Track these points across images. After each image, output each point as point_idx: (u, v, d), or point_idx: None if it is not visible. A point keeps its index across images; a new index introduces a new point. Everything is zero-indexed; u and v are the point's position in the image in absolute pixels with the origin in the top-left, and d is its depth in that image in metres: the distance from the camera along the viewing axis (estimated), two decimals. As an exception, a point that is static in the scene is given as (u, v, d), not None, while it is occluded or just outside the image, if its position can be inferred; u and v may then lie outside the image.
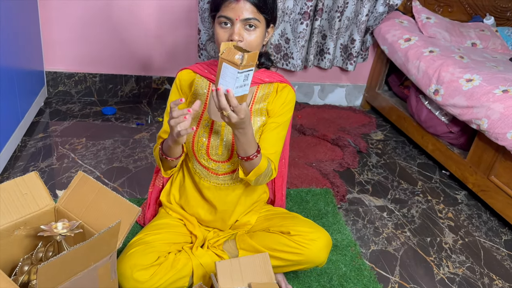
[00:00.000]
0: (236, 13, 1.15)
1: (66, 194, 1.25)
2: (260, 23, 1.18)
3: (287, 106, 1.33)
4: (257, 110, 1.32)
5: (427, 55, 2.34)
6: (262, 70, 1.34)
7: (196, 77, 1.33)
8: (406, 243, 1.79)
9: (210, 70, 1.33)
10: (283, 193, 1.62)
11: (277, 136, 1.34)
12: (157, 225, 1.41)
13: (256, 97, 1.33)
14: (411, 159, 2.45)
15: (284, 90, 1.33)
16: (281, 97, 1.32)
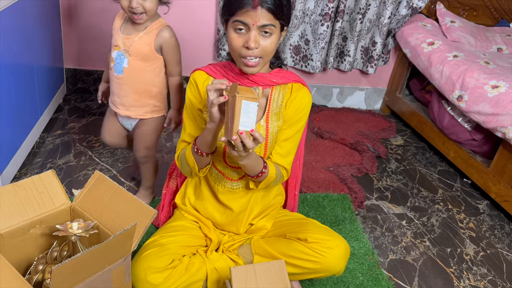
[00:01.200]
0: (253, 19, 1.11)
1: (82, 193, 1.24)
2: (275, 29, 1.15)
3: (303, 111, 1.30)
4: (273, 113, 1.29)
5: (451, 59, 2.28)
6: (275, 71, 1.30)
7: (209, 79, 1.31)
8: (426, 253, 1.74)
9: (223, 72, 1.29)
10: (295, 193, 1.58)
11: (292, 144, 1.32)
12: (172, 227, 1.39)
13: (272, 99, 1.30)
14: (431, 166, 2.39)
15: (300, 92, 1.29)
16: (297, 100, 1.29)
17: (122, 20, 1.53)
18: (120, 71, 1.52)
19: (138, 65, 1.51)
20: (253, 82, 1.25)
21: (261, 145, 1.30)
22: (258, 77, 1.26)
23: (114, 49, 1.52)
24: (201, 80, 1.30)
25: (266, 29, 1.13)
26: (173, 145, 2.22)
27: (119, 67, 1.52)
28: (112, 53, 1.53)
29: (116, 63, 1.52)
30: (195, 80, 1.31)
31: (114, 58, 1.52)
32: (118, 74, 1.53)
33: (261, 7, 1.11)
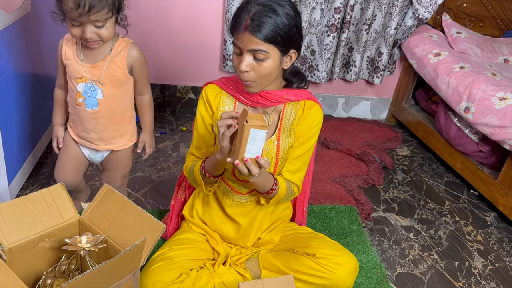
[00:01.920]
0: (243, 43, 1.11)
1: (91, 207, 1.24)
2: (270, 53, 1.12)
3: (315, 128, 1.30)
4: (285, 130, 1.30)
5: (457, 71, 2.27)
6: (288, 89, 1.31)
7: (222, 93, 1.31)
8: (433, 267, 1.73)
9: (235, 86, 1.30)
10: (304, 209, 1.58)
11: (303, 161, 1.33)
12: (179, 239, 1.39)
13: (284, 115, 1.30)
14: (438, 177, 2.38)
15: (313, 109, 1.29)
16: (309, 117, 1.29)
17: (73, 46, 1.36)
18: (94, 104, 1.37)
19: (113, 93, 1.38)
20: (265, 98, 1.26)
21: (272, 161, 1.30)
22: (270, 94, 1.26)
23: (78, 81, 1.35)
24: (213, 94, 1.31)
25: (258, 54, 1.12)
26: (180, 155, 2.22)
27: (92, 100, 1.37)
28: (77, 87, 1.36)
29: (87, 97, 1.37)
30: (207, 94, 1.31)
31: (82, 92, 1.36)
32: (92, 109, 1.38)
33: (249, 32, 1.09)
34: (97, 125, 1.41)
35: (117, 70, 1.36)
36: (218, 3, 2.43)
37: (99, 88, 1.36)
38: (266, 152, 1.29)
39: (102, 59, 1.34)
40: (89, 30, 1.24)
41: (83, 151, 1.50)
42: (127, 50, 1.36)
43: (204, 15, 2.47)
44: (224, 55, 2.51)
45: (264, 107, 1.29)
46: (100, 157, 1.51)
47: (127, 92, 1.42)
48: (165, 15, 2.43)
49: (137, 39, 2.44)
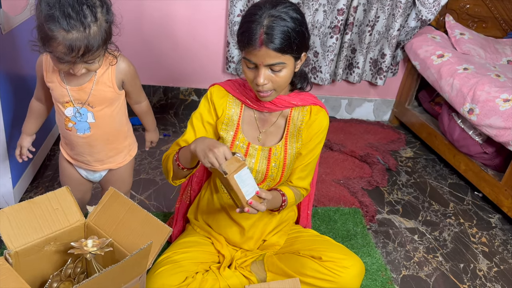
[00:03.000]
0: (259, 59, 1.10)
1: (96, 210, 1.24)
2: (286, 64, 1.12)
3: (322, 134, 1.31)
4: (292, 135, 1.30)
5: (461, 72, 2.27)
6: (294, 93, 1.31)
7: (228, 97, 1.31)
8: (438, 269, 1.73)
9: (242, 91, 1.30)
10: (308, 212, 1.58)
11: (312, 167, 1.36)
12: (184, 243, 1.39)
13: (291, 120, 1.30)
14: (442, 179, 2.37)
15: (319, 115, 1.30)
16: (316, 123, 1.29)
17: (54, 69, 1.22)
18: (85, 129, 1.28)
19: (106, 113, 1.28)
20: (272, 103, 1.26)
21: (279, 167, 1.30)
22: (277, 99, 1.26)
23: (65, 106, 1.24)
24: (219, 95, 1.31)
25: (275, 67, 1.11)
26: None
27: (83, 125, 1.27)
28: (64, 111, 1.25)
29: (77, 121, 1.26)
30: (212, 94, 1.31)
31: (71, 117, 1.25)
32: (84, 133, 1.28)
33: (266, 47, 1.08)
34: (91, 148, 1.32)
35: (106, 90, 1.24)
36: (221, 5, 2.43)
37: (89, 111, 1.25)
38: (274, 157, 1.29)
39: (88, 80, 1.22)
40: (80, 68, 1.13)
41: (80, 172, 1.42)
42: (114, 64, 1.24)
43: (206, 17, 2.47)
44: (227, 57, 2.51)
45: (270, 111, 1.29)
46: (99, 177, 1.43)
47: (121, 107, 1.32)
48: (168, 17, 2.43)
49: (140, 42, 2.45)
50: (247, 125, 1.31)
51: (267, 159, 1.30)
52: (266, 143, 1.32)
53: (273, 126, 1.32)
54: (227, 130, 1.30)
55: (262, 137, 1.32)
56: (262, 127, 1.32)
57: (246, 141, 1.29)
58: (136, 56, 2.50)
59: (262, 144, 1.32)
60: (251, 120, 1.32)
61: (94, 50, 1.09)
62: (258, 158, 1.30)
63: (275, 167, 1.30)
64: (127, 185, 1.49)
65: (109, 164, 1.39)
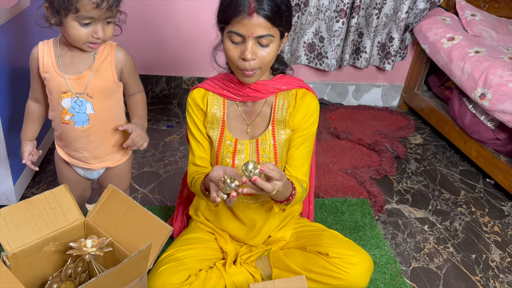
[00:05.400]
0: (249, 30, 1.04)
1: (96, 208, 1.21)
2: (274, 39, 1.08)
3: (311, 117, 1.24)
4: (279, 121, 1.24)
5: (472, 55, 2.19)
6: (278, 77, 1.25)
7: (208, 94, 1.25)
8: (450, 260, 1.68)
9: (221, 85, 1.25)
10: (310, 207, 1.53)
11: (305, 152, 1.28)
12: (188, 239, 1.35)
13: (276, 106, 1.24)
14: (452, 166, 2.31)
15: (306, 98, 1.23)
16: (303, 107, 1.23)
17: (50, 57, 1.19)
18: (84, 121, 1.23)
19: (105, 105, 1.24)
20: (256, 90, 1.20)
21: (270, 158, 1.25)
22: (260, 85, 1.20)
23: (62, 97, 1.20)
24: (199, 97, 1.26)
25: (264, 40, 1.06)
26: (187, 149, 2.18)
27: (81, 116, 1.22)
28: (61, 103, 1.20)
29: (75, 113, 1.21)
30: (194, 98, 1.26)
31: (69, 108, 1.21)
32: (82, 126, 1.24)
33: (257, 14, 1.03)
34: (89, 143, 1.27)
35: (106, 79, 1.21)
36: (222, -9, 2.35)
37: (88, 101, 1.21)
38: (262, 147, 1.24)
39: (87, 68, 1.19)
40: (103, 28, 1.12)
41: (77, 171, 1.36)
42: (113, 54, 1.22)
43: (209, 3, 2.39)
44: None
45: (254, 101, 1.23)
46: (96, 174, 1.38)
47: (118, 101, 1.28)
48: (169, 4, 2.37)
49: (141, 29, 2.40)
50: (233, 121, 1.26)
51: (257, 151, 1.25)
52: (254, 135, 1.27)
53: (259, 116, 1.26)
54: (213, 128, 1.25)
55: (250, 130, 1.27)
56: (249, 119, 1.27)
57: (233, 138, 1.25)
58: (137, 45, 2.44)
59: (251, 137, 1.27)
60: (237, 115, 1.26)
61: (118, 1, 1.12)
62: (248, 152, 1.26)
63: (266, 158, 1.25)
64: (125, 182, 1.44)
65: (107, 162, 1.34)
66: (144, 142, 1.30)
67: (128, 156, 1.39)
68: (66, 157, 1.33)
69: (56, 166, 1.39)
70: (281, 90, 1.24)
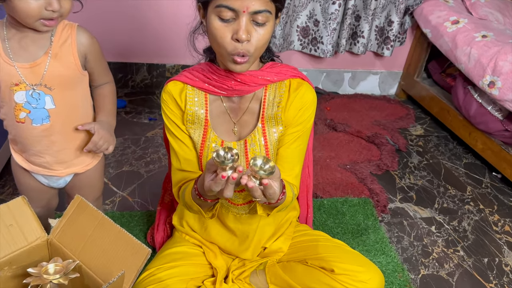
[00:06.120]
0: (244, 3, 0.85)
1: (60, 224, 1.02)
2: (271, 16, 0.90)
3: (307, 111, 1.06)
4: (270, 117, 1.06)
5: (479, 40, 2.02)
6: (268, 66, 1.05)
7: (187, 89, 1.06)
8: (461, 265, 1.54)
9: (202, 77, 1.05)
10: (308, 210, 1.36)
11: (298, 152, 1.09)
12: (171, 254, 1.18)
13: (266, 101, 1.06)
14: (456, 159, 2.16)
15: (300, 89, 1.05)
16: (297, 100, 1.04)
17: None
18: (43, 118, 1.04)
19: (68, 97, 1.05)
20: (242, 83, 1.01)
21: (262, 153, 1.07)
22: (247, 76, 1.01)
23: (14, 90, 1.00)
24: (176, 91, 1.05)
25: (260, 17, 0.88)
26: (171, 144, 1.99)
27: (40, 113, 1.02)
28: (14, 97, 1.01)
29: (32, 109, 1.02)
30: (171, 92, 1.05)
31: (24, 103, 1.01)
32: (42, 124, 1.04)
33: None
34: (51, 145, 1.08)
35: (67, 66, 1.02)
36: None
37: (46, 94, 1.01)
38: (252, 149, 1.06)
39: (43, 53, 0.99)
40: (56, 3, 0.92)
41: (38, 179, 1.16)
42: (74, 36, 1.02)
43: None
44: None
45: (241, 95, 1.05)
46: (63, 183, 1.19)
47: (84, 93, 1.09)
48: (148, -15, 2.15)
49: (118, 11, 2.18)
50: (217, 119, 1.07)
51: (245, 154, 1.07)
52: (242, 135, 1.09)
53: (247, 113, 1.07)
54: (194, 129, 1.06)
55: (237, 129, 1.08)
56: (235, 117, 1.08)
57: (219, 139, 1.06)
58: (115, 30, 2.22)
59: (238, 137, 1.09)
60: (221, 112, 1.07)
61: None
62: None
63: None
64: (97, 189, 1.25)
65: (74, 167, 1.15)
66: (110, 145, 1.11)
67: (100, 159, 1.20)
68: (25, 164, 1.13)
69: (14, 174, 1.18)
70: (272, 81, 1.05)
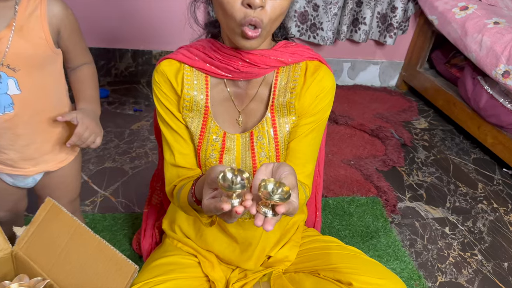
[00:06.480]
0: None
1: (28, 232, 0.84)
2: None
3: (325, 99, 0.89)
4: (281, 106, 0.89)
5: (491, 27, 1.89)
6: (281, 45, 0.88)
7: (183, 69, 0.88)
8: (480, 271, 1.40)
9: (202, 56, 0.87)
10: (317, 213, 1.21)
11: (312, 146, 0.93)
12: (161, 266, 1.00)
13: (278, 86, 0.89)
14: (464, 154, 2.03)
15: (318, 73, 0.88)
16: (314, 85, 0.88)
17: None
18: (6, 106, 0.86)
19: (36, 80, 0.87)
20: (251, 64, 0.84)
21: (270, 155, 0.91)
22: (258, 56, 0.84)
23: None
24: (172, 71, 0.87)
25: None
26: (159, 138, 1.81)
27: (1, 100, 0.85)
28: None
29: None
30: (165, 73, 0.88)
31: None
32: (4, 114, 0.86)
33: None
34: (16, 138, 0.89)
35: (36, 42, 0.83)
36: None
37: (10, 77, 0.83)
38: (259, 143, 0.90)
39: (5, 26, 0.80)
40: None
41: (4, 179, 0.98)
42: (45, 6, 0.83)
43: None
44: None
45: (248, 79, 0.88)
46: (32, 182, 1.00)
47: (57, 75, 0.89)
48: (133, -38, 1.96)
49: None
50: (219, 106, 0.90)
51: (251, 148, 0.90)
52: (248, 126, 0.92)
53: (254, 100, 0.90)
54: (192, 117, 0.89)
55: (242, 119, 0.91)
56: (241, 105, 0.91)
57: (221, 130, 0.89)
58: (97, 14, 2.02)
59: (243, 129, 0.92)
60: (224, 98, 0.90)
61: None
62: (239, 150, 0.91)
63: (265, 157, 0.91)
64: (72, 192, 1.06)
65: (44, 165, 0.96)
66: (97, 137, 0.93)
67: (76, 154, 1.02)
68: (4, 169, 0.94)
69: None
70: (286, 64, 0.88)
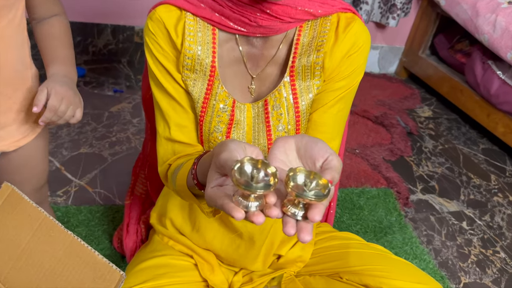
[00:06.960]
0: None
1: (-23, 228, 0.65)
2: None
3: (358, 59, 0.71)
4: (304, 68, 0.71)
5: (505, 7, 1.75)
6: None
7: (185, 18, 0.70)
8: (505, 270, 1.26)
9: (209, 2, 0.68)
10: (331, 204, 1.05)
11: (339, 118, 0.76)
12: (150, 269, 0.82)
13: (300, 45, 0.71)
14: (472, 144, 1.90)
15: (352, 27, 0.70)
16: (346, 41, 0.70)
17: None
18: None
19: None
20: (272, 16, 0.66)
21: (289, 128, 0.73)
22: (282, 6, 0.65)
23: None
24: (171, 20, 0.69)
25: None
26: (143, 122, 1.61)
27: None
28: None
29: None
30: (162, 20, 0.69)
31: None
32: None
33: None
34: None
35: None
36: None
37: None
38: (276, 113, 0.72)
39: None
40: None
41: None
42: None
43: None
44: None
45: (268, 35, 0.69)
46: None
47: (15, 28, 0.68)
48: None
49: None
50: (229, 68, 0.72)
51: (266, 121, 0.73)
52: (262, 94, 0.74)
53: (272, 63, 0.72)
54: (194, 80, 0.70)
55: (256, 86, 0.73)
56: (255, 69, 0.73)
57: (230, 98, 0.71)
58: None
59: (255, 98, 0.74)
60: (235, 59, 0.72)
61: None
62: (251, 124, 0.73)
63: (282, 131, 0.74)
64: (38, 176, 0.86)
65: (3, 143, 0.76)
66: (76, 108, 0.73)
67: (40, 131, 0.82)
68: None
69: None
70: (315, 16, 0.69)
